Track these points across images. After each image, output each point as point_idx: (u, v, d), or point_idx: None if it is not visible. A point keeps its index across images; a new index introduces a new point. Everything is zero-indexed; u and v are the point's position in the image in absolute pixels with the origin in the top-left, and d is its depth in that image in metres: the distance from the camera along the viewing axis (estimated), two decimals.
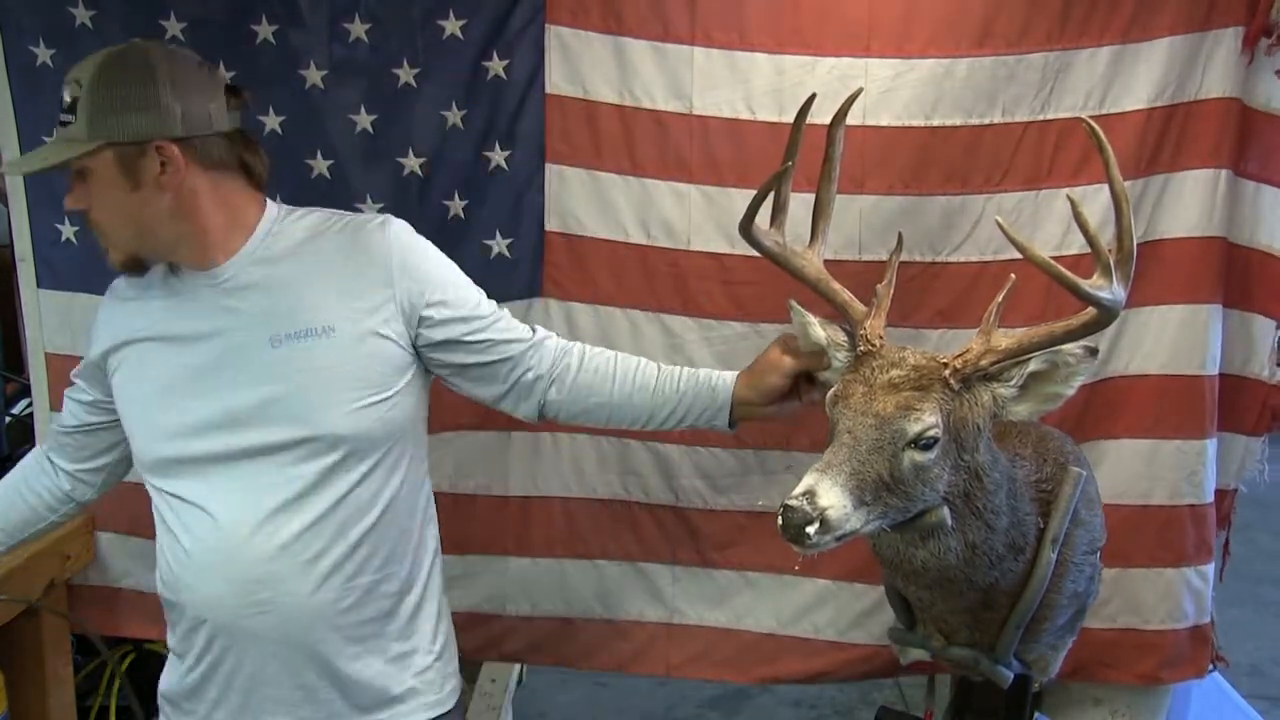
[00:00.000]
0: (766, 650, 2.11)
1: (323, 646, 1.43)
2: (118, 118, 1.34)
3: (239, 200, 1.45)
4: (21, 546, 1.70)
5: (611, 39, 1.92)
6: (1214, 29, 1.84)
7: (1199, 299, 1.91)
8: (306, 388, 1.40)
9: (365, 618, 1.45)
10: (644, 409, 1.56)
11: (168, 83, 1.35)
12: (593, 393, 1.55)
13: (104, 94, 1.34)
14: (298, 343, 1.40)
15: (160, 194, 1.37)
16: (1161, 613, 1.99)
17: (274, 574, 1.40)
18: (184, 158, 1.37)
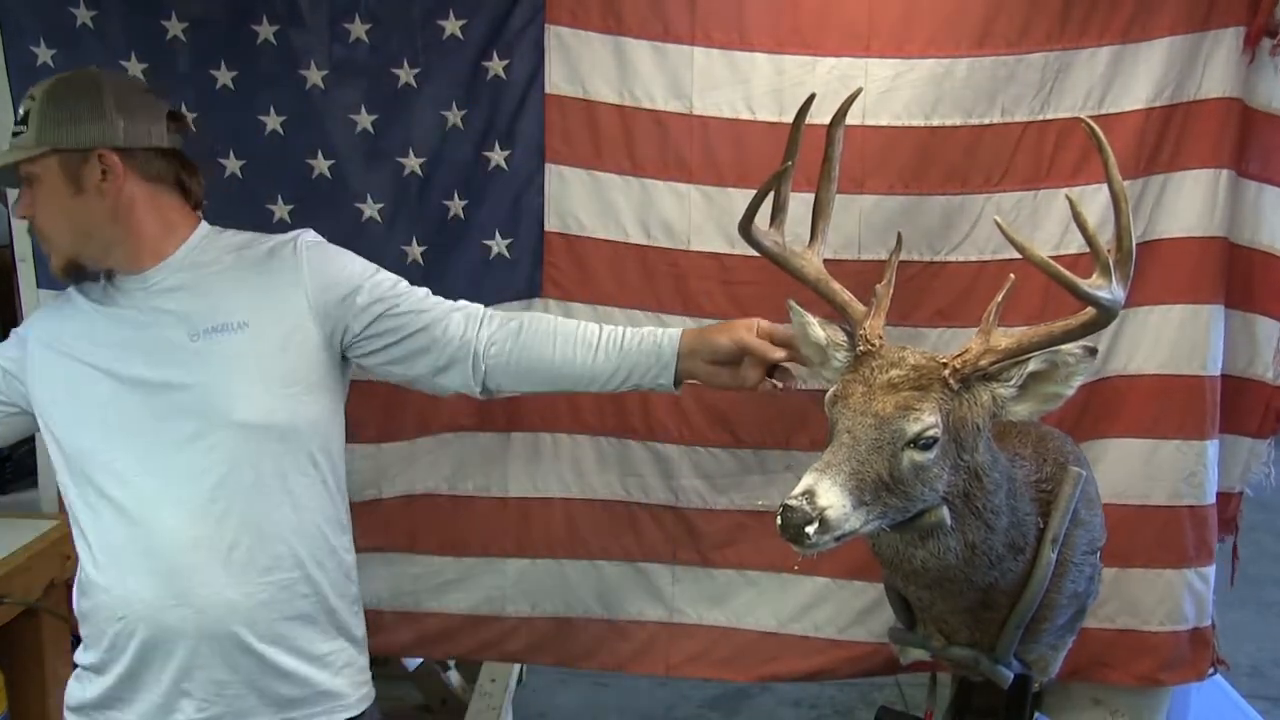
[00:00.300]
0: (766, 649, 2.11)
1: (242, 640, 1.44)
2: (65, 127, 1.45)
3: (173, 215, 1.54)
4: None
5: (611, 39, 1.92)
6: (1214, 29, 1.84)
7: (1199, 299, 1.91)
8: (220, 378, 1.45)
9: (283, 615, 1.47)
10: (587, 369, 1.55)
11: (112, 99, 1.47)
12: (533, 355, 1.55)
13: (54, 106, 1.46)
14: (214, 336, 1.47)
15: (100, 199, 1.47)
16: (1161, 614, 1.99)
17: (190, 566, 1.42)
18: (124, 166, 1.47)
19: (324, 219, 1.99)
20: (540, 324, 1.58)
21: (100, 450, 1.46)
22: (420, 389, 1.63)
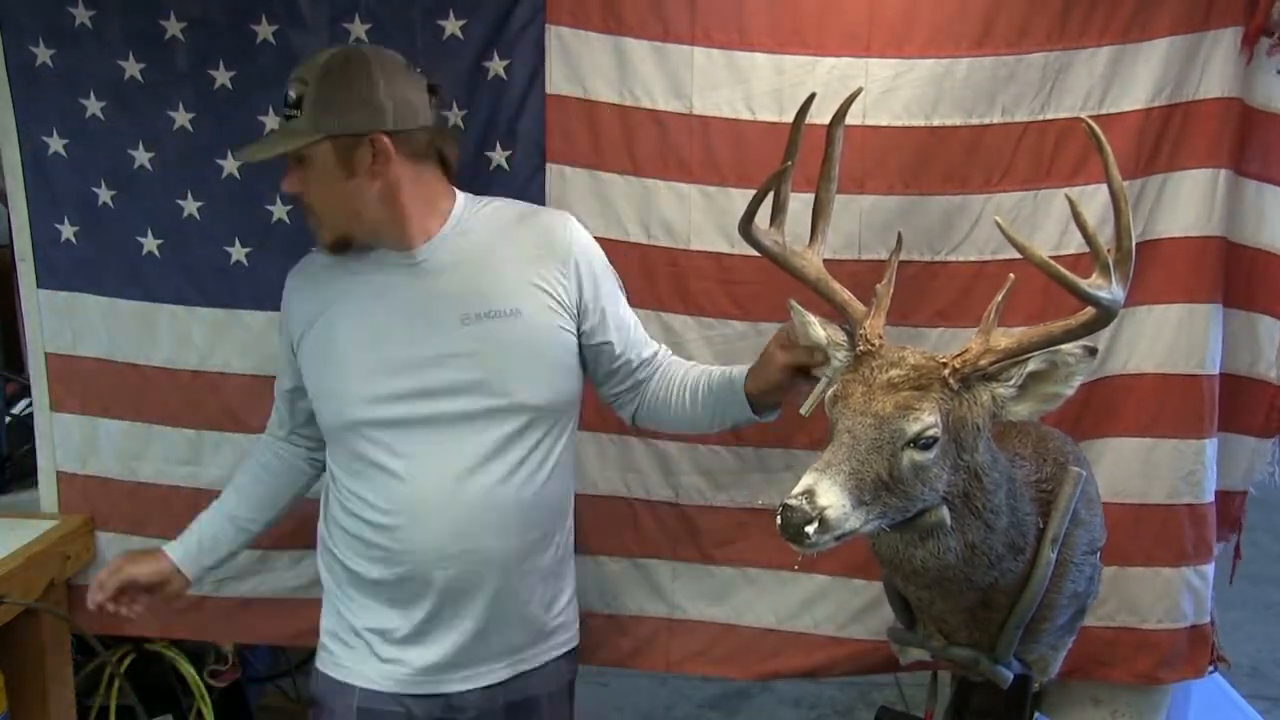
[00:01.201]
0: (766, 646, 2.11)
1: (507, 589, 1.62)
2: (339, 114, 1.51)
3: (436, 189, 1.62)
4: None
5: (611, 39, 1.92)
6: (1213, 29, 1.84)
7: (1198, 298, 1.91)
8: (493, 362, 1.57)
9: (534, 567, 1.65)
10: (697, 419, 1.72)
11: (381, 81, 1.52)
12: (660, 411, 1.75)
13: (328, 90, 1.51)
14: (486, 321, 1.57)
15: (371, 182, 1.54)
16: (1159, 612, 1.99)
17: (470, 528, 1.57)
18: (394, 149, 1.53)
19: None
20: (666, 376, 1.74)
21: (377, 416, 1.57)
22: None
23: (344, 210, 1.56)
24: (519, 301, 1.59)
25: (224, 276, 2.05)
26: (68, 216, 2.06)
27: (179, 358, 2.08)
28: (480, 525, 1.58)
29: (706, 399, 1.69)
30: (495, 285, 1.59)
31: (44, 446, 2.16)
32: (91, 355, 2.11)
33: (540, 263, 1.62)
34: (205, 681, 2.37)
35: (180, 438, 2.11)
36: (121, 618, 1.76)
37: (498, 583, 1.62)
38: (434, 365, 1.56)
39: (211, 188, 2.02)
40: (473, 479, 1.58)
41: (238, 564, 2.13)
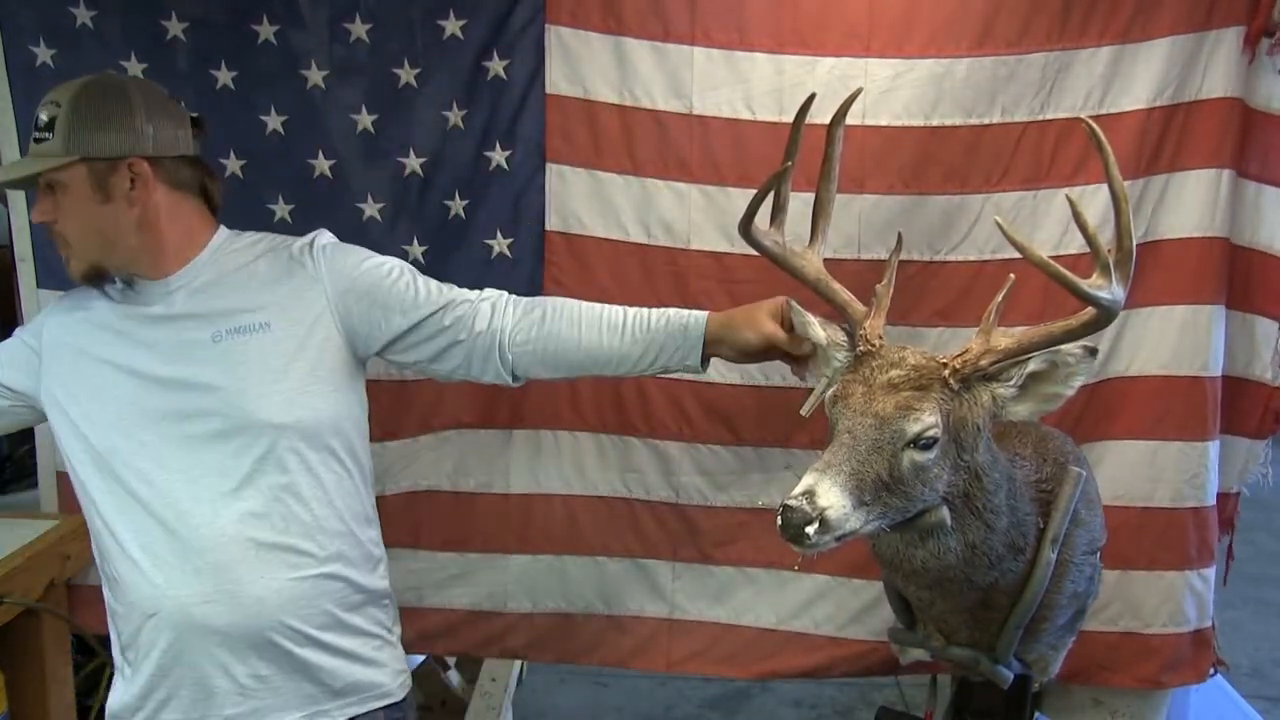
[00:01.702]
0: (766, 646, 2.11)
1: (274, 635, 1.46)
2: (94, 135, 1.44)
3: (195, 221, 1.54)
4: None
5: (611, 39, 1.92)
6: (1214, 29, 1.84)
7: (1201, 299, 1.91)
8: (244, 379, 1.46)
9: (317, 609, 1.48)
10: (615, 351, 1.56)
11: (141, 107, 1.46)
12: (559, 342, 1.56)
13: (82, 113, 1.44)
14: (236, 336, 1.48)
15: (128, 208, 1.46)
16: (1163, 616, 1.98)
17: (220, 562, 1.43)
18: (153, 175, 1.47)
19: (325, 219, 1.99)
20: (565, 309, 1.57)
21: (124, 449, 1.46)
22: (459, 380, 1.64)
23: (98, 238, 1.46)
24: (268, 315, 1.49)
25: None
26: None
27: None
28: (222, 564, 1.44)
29: (640, 334, 1.54)
30: (246, 301, 1.50)
31: (44, 446, 2.15)
32: None
33: (293, 284, 1.52)
34: None
35: None
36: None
37: (246, 629, 1.45)
38: (184, 387, 1.47)
39: None
40: (221, 508, 1.45)
41: None
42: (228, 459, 1.45)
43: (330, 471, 1.50)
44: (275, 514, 1.46)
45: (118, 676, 1.54)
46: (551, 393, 2.03)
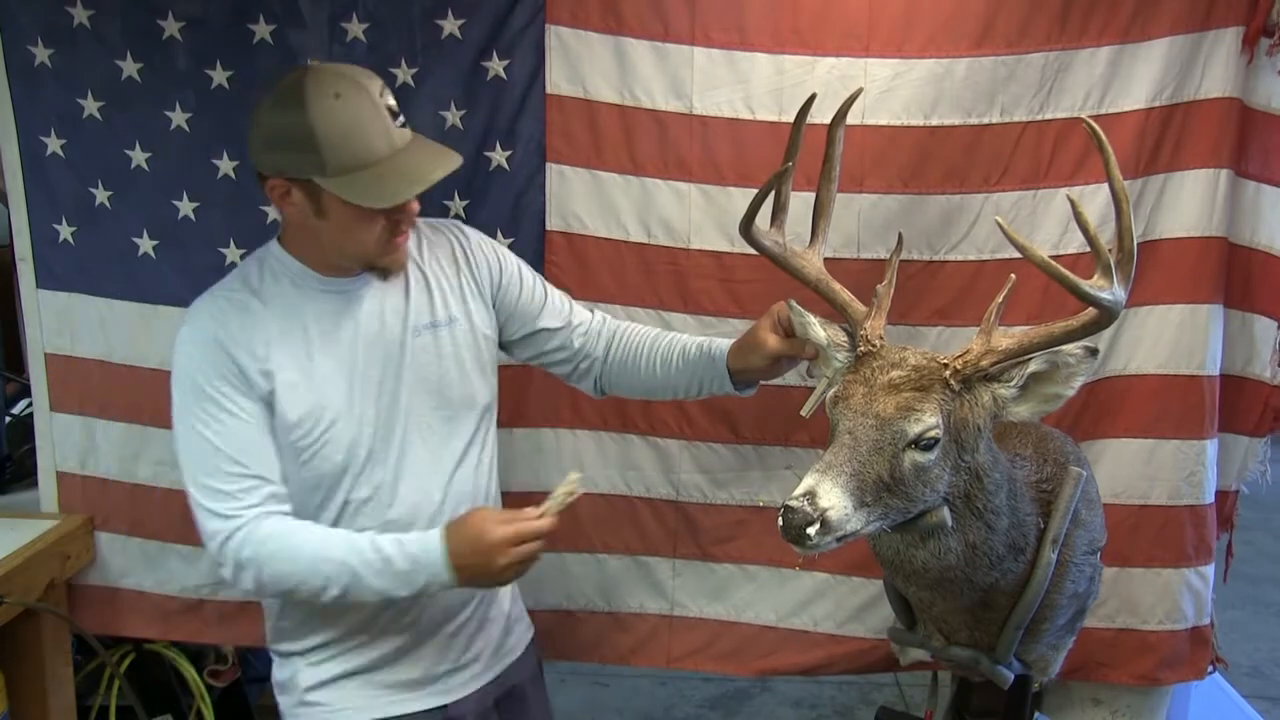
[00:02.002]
0: (766, 643, 2.11)
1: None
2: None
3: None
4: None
5: (611, 39, 1.92)
6: (1213, 29, 1.84)
7: (1199, 299, 1.91)
8: (442, 371, 1.57)
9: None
10: (669, 382, 1.70)
11: None
12: (628, 372, 1.72)
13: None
14: (431, 331, 1.57)
15: None
16: (1160, 613, 1.99)
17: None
18: None
19: None
20: (630, 339, 1.72)
21: (361, 448, 1.52)
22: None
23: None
24: (455, 310, 1.60)
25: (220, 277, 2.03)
26: (66, 217, 2.06)
27: None
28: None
29: (682, 368, 1.67)
30: (432, 296, 1.58)
31: (44, 446, 2.16)
32: (90, 356, 2.10)
33: (464, 271, 1.63)
34: (205, 681, 2.37)
35: None
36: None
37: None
38: (394, 379, 1.53)
39: (207, 188, 2.01)
40: (453, 484, 1.58)
41: None
42: (440, 445, 1.59)
43: (495, 445, 1.70)
44: (483, 481, 1.66)
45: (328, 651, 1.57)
46: (552, 391, 2.02)
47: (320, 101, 1.38)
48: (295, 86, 1.39)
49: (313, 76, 1.40)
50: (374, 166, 1.40)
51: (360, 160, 1.40)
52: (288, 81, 1.41)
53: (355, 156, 1.39)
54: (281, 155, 1.40)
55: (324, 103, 1.38)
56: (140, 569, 2.17)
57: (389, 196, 1.42)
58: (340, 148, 1.38)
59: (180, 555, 2.15)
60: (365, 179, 1.40)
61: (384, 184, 1.41)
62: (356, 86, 1.42)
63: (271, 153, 1.41)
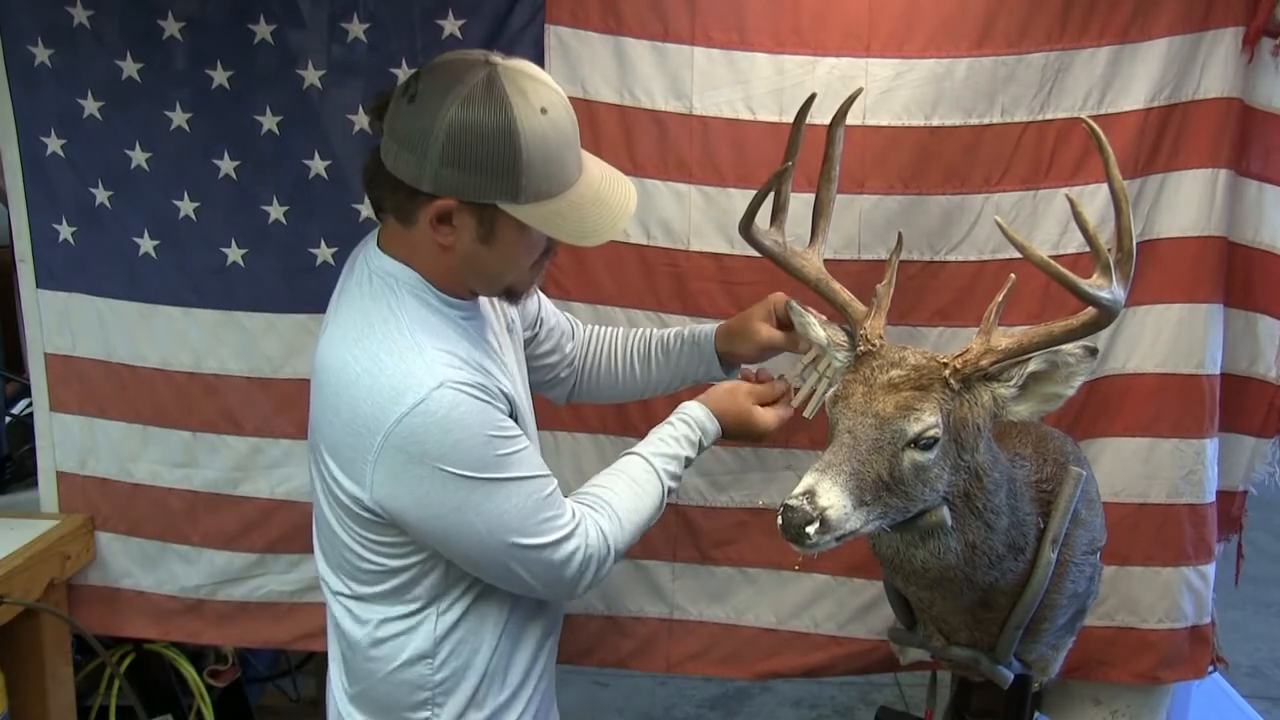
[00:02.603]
0: (766, 645, 2.11)
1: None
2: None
3: None
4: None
5: (611, 39, 1.92)
6: (1213, 29, 1.84)
7: (1197, 298, 1.91)
8: (523, 361, 1.55)
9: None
10: (648, 382, 1.69)
11: None
12: (602, 377, 1.70)
13: None
14: (509, 331, 1.51)
15: None
16: (1159, 612, 1.99)
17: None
18: None
19: (320, 220, 2.01)
20: (603, 344, 1.69)
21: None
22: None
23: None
24: (510, 312, 1.53)
25: (220, 278, 2.04)
26: (66, 217, 2.06)
27: (175, 359, 2.08)
28: None
29: (664, 363, 1.62)
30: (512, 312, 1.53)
31: (44, 446, 2.16)
32: (90, 356, 2.10)
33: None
34: (205, 681, 2.36)
35: (176, 439, 2.11)
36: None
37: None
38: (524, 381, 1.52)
39: (208, 188, 2.01)
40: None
41: (234, 568, 2.14)
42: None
43: None
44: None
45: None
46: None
47: (529, 118, 1.20)
48: (495, 94, 1.19)
49: (511, 82, 1.20)
50: (566, 194, 1.25)
51: (557, 186, 1.24)
52: (476, 85, 1.20)
53: (552, 183, 1.23)
54: (468, 176, 1.20)
55: (532, 120, 1.20)
56: (140, 569, 2.17)
57: (596, 232, 1.26)
58: (541, 173, 1.21)
59: (180, 555, 2.15)
60: (562, 210, 1.24)
61: (584, 216, 1.25)
62: (558, 95, 1.25)
63: (453, 172, 1.20)
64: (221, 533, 2.13)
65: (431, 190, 1.23)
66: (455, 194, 1.22)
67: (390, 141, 1.25)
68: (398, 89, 1.26)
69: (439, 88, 1.21)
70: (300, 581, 2.13)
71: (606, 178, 1.32)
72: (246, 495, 2.11)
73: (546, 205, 1.23)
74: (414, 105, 1.22)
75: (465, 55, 1.25)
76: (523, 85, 1.22)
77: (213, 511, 2.12)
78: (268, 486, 2.10)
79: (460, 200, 1.23)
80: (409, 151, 1.22)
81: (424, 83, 1.23)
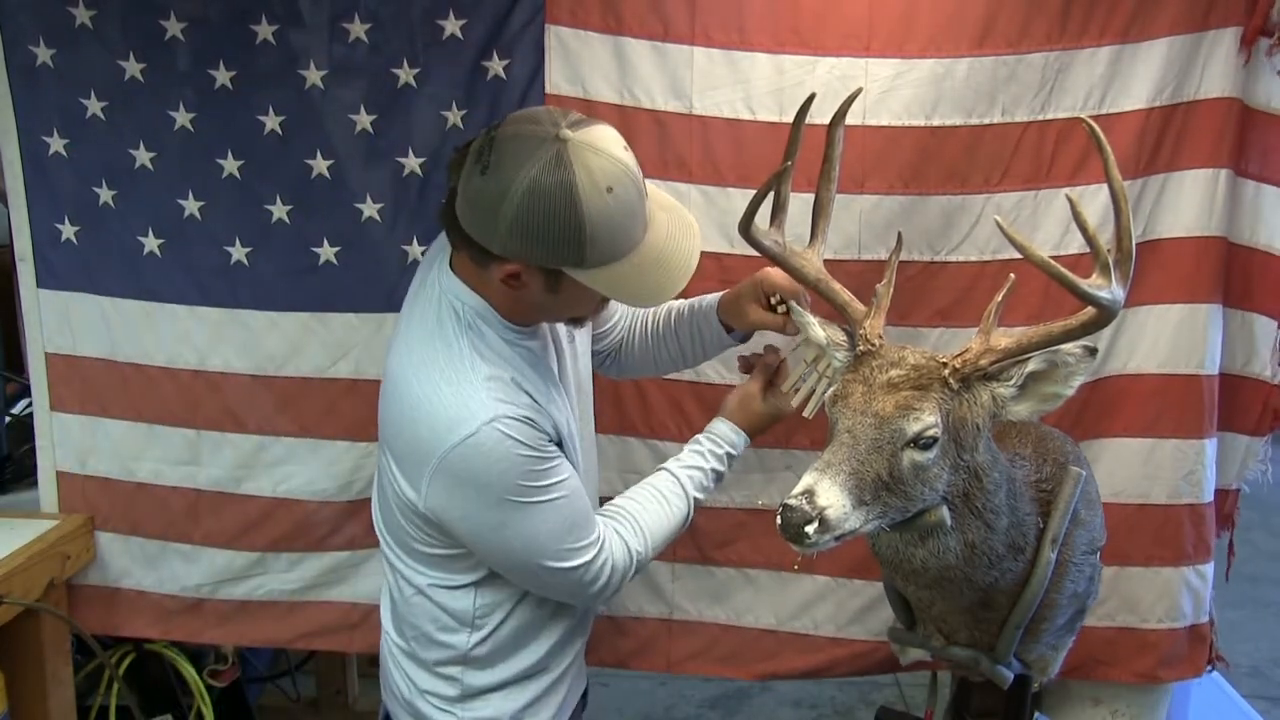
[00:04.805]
0: (766, 646, 2.11)
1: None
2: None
3: None
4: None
5: (611, 39, 1.92)
6: (1213, 29, 1.84)
7: (1198, 298, 1.91)
8: (587, 365, 1.63)
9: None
10: (678, 354, 1.74)
11: None
12: (638, 353, 1.77)
13: None
14: (573, 341, 1.58)
15: None
16: (1159, 611, 1.99)
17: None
18: None
19: (323, 219, 2.01)
20: (641, 329, 1.75)
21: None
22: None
23: None
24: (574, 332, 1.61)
25: (224, 276, 2.05)
26: (68, 216, 2.06)
27: (179, 358, 2.08)
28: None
29: (689, 337, 1.71)
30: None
31: (44, 446, 2.16)
32: (91, 355, 2.11)
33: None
34: (205, 681, 2.37)
35: (179, 438, 2.11)
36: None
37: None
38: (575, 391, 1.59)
39: (212, 188, 2.02)
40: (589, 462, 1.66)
41: (235, 567, 2.14)
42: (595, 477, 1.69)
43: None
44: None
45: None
46: None
47: (595, 199, 1.27)
48: (563, 173, 1.26)
49: (580, 162, 1.27)
50: (630, 256, 1.33)
51: (621, 251, 1.32)
52: (546, 166, 1.26)
53: (616, 249, 1.31)
54: (537, 248, 1.29)
55: (598, 200, 1.27)
56: (140, 569, 2.17)
57: (655, 296, 1.39)
58: (606, 245, 1.29)
59: (180, 555, 2.15)
60: (625, 273, 1.32)
61: (645, 278, 1.35)
62: (623, 170, 1.31)
63: (523, 243, 1.28)
64: (222, 532, 2.13)
65: (501, 254, 1.32)
66: (523, 260, 1.32)
67: (464, 203, 1.33)
68: (473, 152, 1.32)
69: (511, 162, 1.28)
70: (300, 580, 2.13)
71: (672, 235, 1.39)
72: (248, 494, 2.11)
73: (610, 269, 1.32)
74: (486, 177, 1.29)
75: (538, 126, 1.30)
76: (589, 163, 1.28)
77: (214, 510, 2.13)
78: (269, 485, 2.10)
79: (528, 264, 1.32)
80: (481, 216, 1.30)
81: (497, 153, 1.29)
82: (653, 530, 1.55)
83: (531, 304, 1.40)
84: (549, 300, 1.38)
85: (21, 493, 2.33)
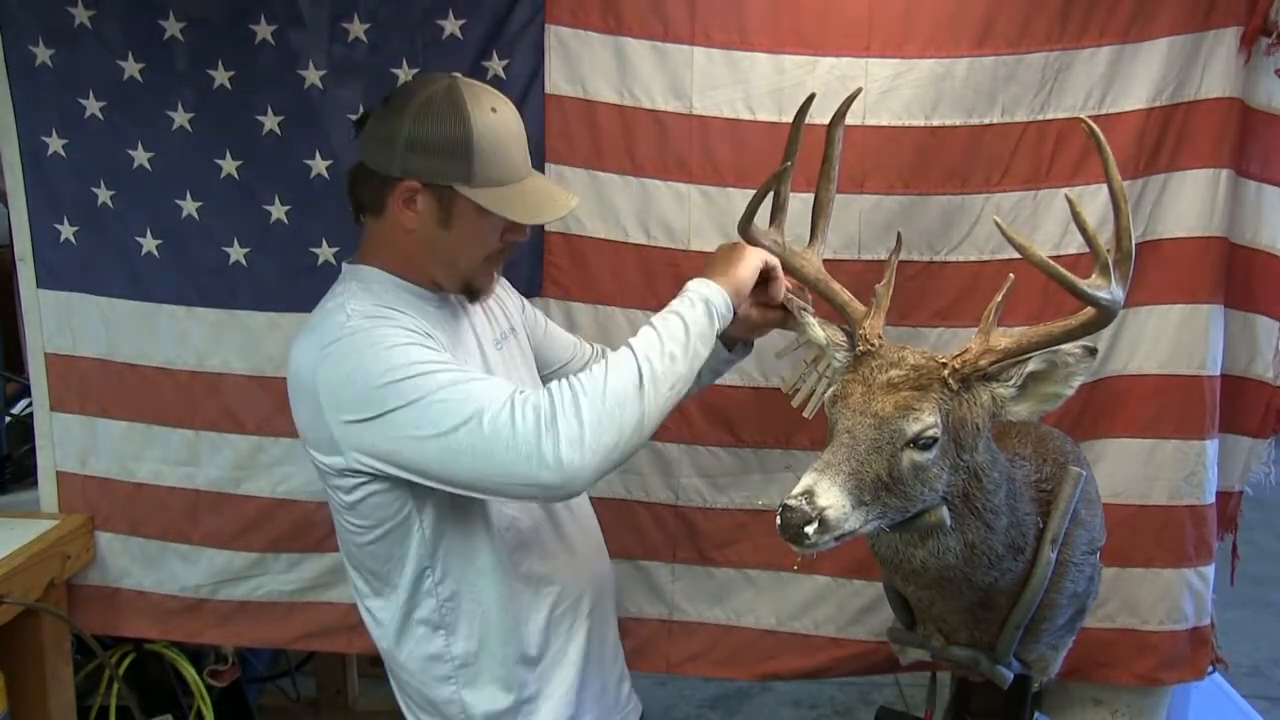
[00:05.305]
0: (766, 647, 2.11)
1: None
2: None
3: None
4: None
5: (611, 39, 1.92)
6: (1213, 29, 1.84)
7: (1199, 299, 1.91)
8: (521, 378, 1.62)
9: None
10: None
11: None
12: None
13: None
14: (507, 341, 1.62)
15: None
16: (1160, 613, 1.99)
17: (597, 549, 1.67)
18: None
19: (322, 220, 2.01)
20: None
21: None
22: None
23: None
24: (515, 321, 1.67)
25: (223, 277, 2.05)
26: (67, 216, 2.06)
27: (177, 358, 2.08)
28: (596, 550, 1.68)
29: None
30: (501, 307, 1.65)
31: (44, 446, 2.16)
32: (91, 355, 2.11)
33: (508, 292, 1.71)
34: (205, 681, 2.37)
35: (179, 438, 2.11)
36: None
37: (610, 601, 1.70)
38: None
39: (211, 188, 2.02)
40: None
41: (234, 567, 2.14)
42: None
43: None
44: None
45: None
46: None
47: (481, 113, 1.40)
48: (451, 94, 1.40)
49: (467, 88, 1.42)
50: (515, 184, 1.43)
51: (505, 176, 1.42)
52: (438, 89, 1.41)
53: (501, 172, 1.41)
54: (429, 159, 1.39)
55: (484, 115, 1.40)
56: (140, 569, 2.17)
57: (534, 214, 1.45)
58: (490, 161, 1.40)
59: (180, 555, 2.16)
60: (509, 195, 1.42)
61: (527, 201, 1.44)
62: (508, 104, 1.45)
63: (417, 156, 1.39)
64: (222, 532, 2.13)
65: (400, 174, 1.41)
66: (418, 176, 1.40)
67: (367, 144, 1.45)
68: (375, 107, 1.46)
69: (406, 93, 1.43)
70: (300, 581, 2.13)
71: (552, 185, 1.55)
72: (248, 494, 2.11)
73: (497, 190, 1.41)
74: (386, 107, 1.43)
75: (433, 75, 1.46)
76: (476, 92, 1.43)
77: (214, 510, 2.13)
78: (269, 485, 2.10)
79: (423, 182, 1.40)
80: (380, 144, 1.42)
81: (395, 92, 1.46)
82: (585, 380, 1.38)
83: (425, 244, 1.44)
84: (441, 238, 1.43)
85: (21, 493, 2.33)
